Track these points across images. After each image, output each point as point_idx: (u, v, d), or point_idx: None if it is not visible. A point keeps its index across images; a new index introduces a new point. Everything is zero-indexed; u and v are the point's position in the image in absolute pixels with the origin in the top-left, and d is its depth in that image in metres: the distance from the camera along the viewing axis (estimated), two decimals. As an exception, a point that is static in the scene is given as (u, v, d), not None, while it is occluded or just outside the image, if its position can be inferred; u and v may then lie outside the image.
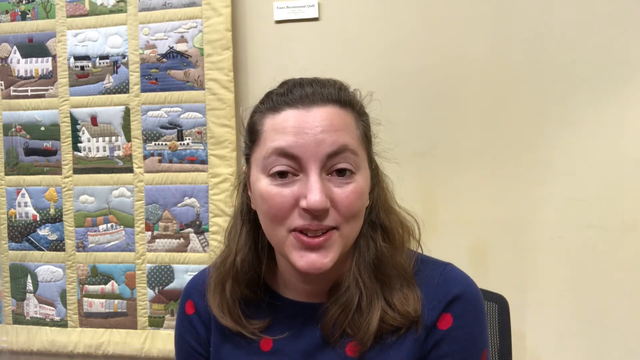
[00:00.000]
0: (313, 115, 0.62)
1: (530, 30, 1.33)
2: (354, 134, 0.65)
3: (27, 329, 1.59)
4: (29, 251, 1.58)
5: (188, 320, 0.78)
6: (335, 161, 0.62)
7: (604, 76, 1.30)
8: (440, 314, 0.66)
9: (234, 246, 0.73)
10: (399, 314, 0.65)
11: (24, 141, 1.56)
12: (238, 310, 0.71)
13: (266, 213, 0.64)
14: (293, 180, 0.62)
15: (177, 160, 1.48)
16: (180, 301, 0.80)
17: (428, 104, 1.38)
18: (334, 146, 0.61)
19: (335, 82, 0.69)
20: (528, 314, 1.36)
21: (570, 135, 1.32)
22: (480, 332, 0.68)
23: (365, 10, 1.40)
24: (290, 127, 0.62)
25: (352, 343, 0.67)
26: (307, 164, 0.61)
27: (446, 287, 0.67)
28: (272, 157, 0.62)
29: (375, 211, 0.71)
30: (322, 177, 0.61)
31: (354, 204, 0.63)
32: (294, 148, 0.61)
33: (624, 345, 1.33)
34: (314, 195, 0.59)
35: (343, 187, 0.62)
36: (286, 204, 0.62)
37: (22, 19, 1.55)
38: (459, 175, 1.38)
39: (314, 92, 0.64)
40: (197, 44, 1.44)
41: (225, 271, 0.72)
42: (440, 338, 0.66)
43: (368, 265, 0.68)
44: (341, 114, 0.64)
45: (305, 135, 0.61)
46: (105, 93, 1.51)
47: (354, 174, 0.63)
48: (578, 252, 1.34)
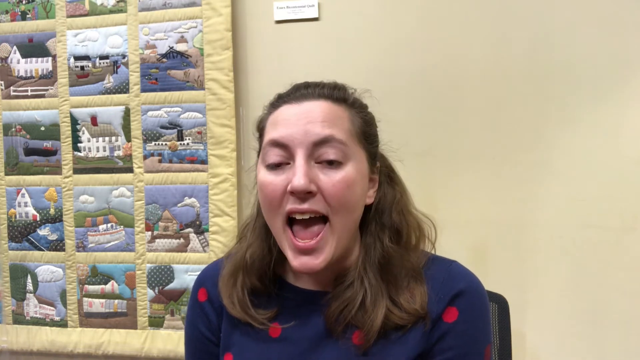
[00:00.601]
0: (303, 108, 0.68)
1: (530, 30, 1.33)
2: (344, 127, 0.68)
3: (27, 329, 1.59)
4: (29, 251, 1.58)
5: (200, 307, 0.80)
6: (322, 151, 0.66)
7: (604, 76, 1.30)
8: (445, 306, 0.68)
9: (247, 240, 0.77)
10: (406, 312, 0.67)
11: (24, 141, 1.56)
12: (247, 301, 0.74)
13: (263, 201, 0.69)
14: (284, 169, 0.67)
15: (177, 160, 1.48)
16: (193, 289, 0.83)
17: (428, 104, 1.38)
18: (320, 135, 0.65)
19: (334, 83, 0.73)
20: (528, 314, 1.36)
21: (570, 135, 1.32)
22: (484, 327, 0.70)
23: (365, 10, 1.40)
24: (283, 119, 0.68)
25: (359, 332, 0.68)
26: (294, 151, 0.65)
27: (452, 282, 0.70)
28: (267, 148, 0.68)
29: (387, 212, 0.73)
30: (309, 164, 0.65)
31: (341, 192, 0.65)
32: (284, 138, 0.66)
33: (624, 345, 1.33)
34: (297, 177, 0.63)
35: (330, 174, 0.66)
36: (277, 191, 0.66)
37: (22, 19, 1.55)
38: (459, 175, 1.38)
39: (309, 91, 0.70)
40: (197, 44, 1.44)
41: (238, 263, 0.76)
42: (446, 331, 0.68)
43: (374, 264, 0.70)
44: (332, 108, 0.68)
45: (294, 126, 0.66)
46: (105, 93, 1.51)
47: (342, 164, 0.66)
48: (578, 252, 1.34)
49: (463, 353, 0.68)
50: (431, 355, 0.68)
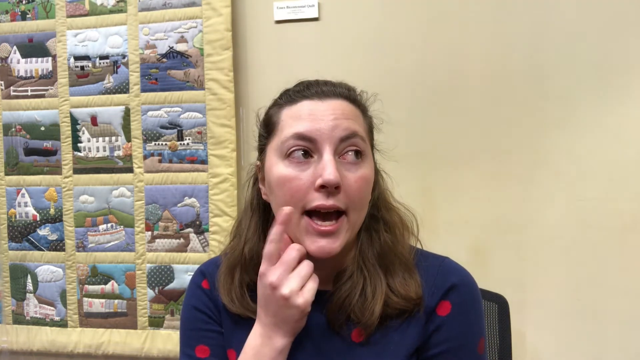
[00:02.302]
0: (327, 105, 0.69)
1: (530, 31, 1.33)
2: (362, 125, 0.72)
3: (27, 329, 1.59)
4: (29, 251, 1.58)
5: (204, 293, 0.79)
6: (346, 147, 0.68)
7: (604, 76, 1.30)
8: (439, 300, 0.71)
9: (244, 236, 0.77)
10: (402, 297, 0.69)
11: (24, 141, 1.56)
12: (247, 297, 0.74)
13: (284, 194, 0.68)
14: (308, 163, 0.67)
15: (177, 160, 1.48)
16: (194, 279, 0.82)
17: (428, 104, 1.38)
18: (346, 131, 0.67)
19: (346, 84, 0.75)
20: (528, 314, 1.36)
21: (570, 135, 1.32)
22: (477, 320, 0.73)
23: (365, 10, 1.40)
24: (307, 114, 0.68)
25: (358, 329, 0.70)
26: (322, 146, 0.66)
27: (444, 276, 0.72)
28: (289, 140, 0.68)
29: (377, 206, 0.75)
30: (335, 159, 0.66)
31: (362, 189, 0.68)
32: (310, 132, 0.67)
33: (624, 345, 1.33)
34: (329, 171, 0.64)
35: (353, 171, 0.67)
36: (302, 186, 0.66)
37: (22, 19, 1.55)
38: (459, 175, 1.38)
39: (327, 89, 0.71)
40: (197, 44, 1.44)
41: (235, 260, 0.76)
42: (440, 324, 0.70)
43: (372, 254, 0.72)
44: (351, 107, 0.71)
45: (320, 121, 0.67)
46: (105, 93, 1.51)
47: (361, 161, 0.69)
48: (578, 252, 1.34)
49: (457, 345, 0.70)
50: (426, 348, 0.70)
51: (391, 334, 0.70)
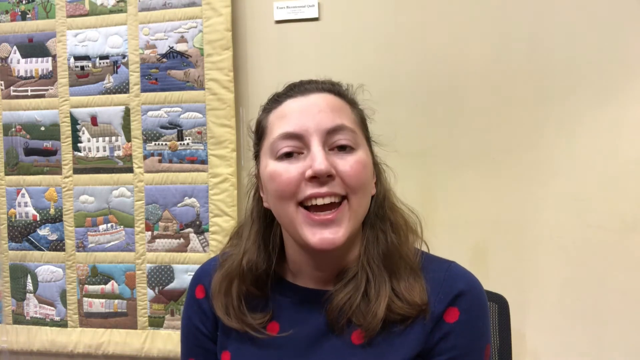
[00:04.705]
0: (311, 99, 0.69)
1: (530, 30, 1.33)
2: (349, 116, 0.71)
3: (27, 329, 1.59)
4: (29, 251, 1.58)
5: (197, 304, 0.80)
6: (335, 138, 0.67)
7: (604, 76, 1.30)
8: (446, 307, 0.68)
9: (242, 247, 0.76)
10: (407, 303, 0.68)
11: (24, 141, 1.56)
12: (244, 309, 0.73)
13: (275, 190, 0.68)
14: (298, 158, 0.67)
15: (177, 160, 1.48)
16: (191, 285, 0.83)
17: (428, 104, 1.38)
18: (332, 123, 0.67)
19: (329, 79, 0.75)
20: (528, 314, 1.36)
21: (570, 135, 1.32)
22: (484, 327, 0.71)
23: (365, 10, 1.40)
24: (291, 112, 0.69)
25: (358, 331, 0.68)
26: (309, 139, 0.66)
27: (452, 282, 0.70)
28: (278, 141, 0.68)
29: (381, 205, 0.74)
30: (325, 150, 0.66)
31: (359, 172, 0.67)
32: (297, 128, 0.67)
33: (624, 345, 1.33)
34: (318, 162, 0.64)
35: (345, 158, 0.67)
36: (293, 179, 0.66)
37: (22, 19, 1.55)
38: (459, 175, 1.38)
39: (310, 86, 0.72)
40: (197, 44, 1.44)
41: (232, 270, 0.75)
42: (448, 331, 0.68)
43: (377, 255, 0.70)
44: (336, 100, 0.71)
45: (306, 117, 0.67)
46: (105, 93, 1.51)
47: (354, 149, 0.68)
48: (578, 252, 1.34)
49: (464, 353, 0.68)
50: (432, 355, 0.68)
51: (392, 338, 0.68)
